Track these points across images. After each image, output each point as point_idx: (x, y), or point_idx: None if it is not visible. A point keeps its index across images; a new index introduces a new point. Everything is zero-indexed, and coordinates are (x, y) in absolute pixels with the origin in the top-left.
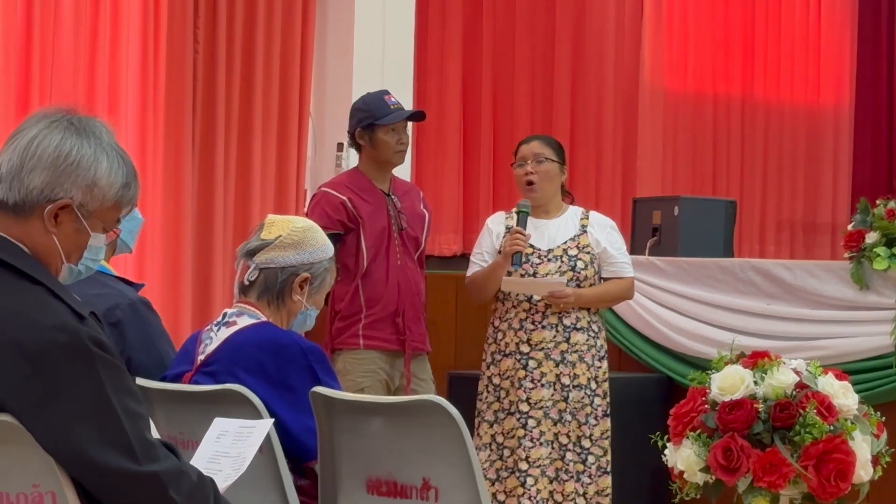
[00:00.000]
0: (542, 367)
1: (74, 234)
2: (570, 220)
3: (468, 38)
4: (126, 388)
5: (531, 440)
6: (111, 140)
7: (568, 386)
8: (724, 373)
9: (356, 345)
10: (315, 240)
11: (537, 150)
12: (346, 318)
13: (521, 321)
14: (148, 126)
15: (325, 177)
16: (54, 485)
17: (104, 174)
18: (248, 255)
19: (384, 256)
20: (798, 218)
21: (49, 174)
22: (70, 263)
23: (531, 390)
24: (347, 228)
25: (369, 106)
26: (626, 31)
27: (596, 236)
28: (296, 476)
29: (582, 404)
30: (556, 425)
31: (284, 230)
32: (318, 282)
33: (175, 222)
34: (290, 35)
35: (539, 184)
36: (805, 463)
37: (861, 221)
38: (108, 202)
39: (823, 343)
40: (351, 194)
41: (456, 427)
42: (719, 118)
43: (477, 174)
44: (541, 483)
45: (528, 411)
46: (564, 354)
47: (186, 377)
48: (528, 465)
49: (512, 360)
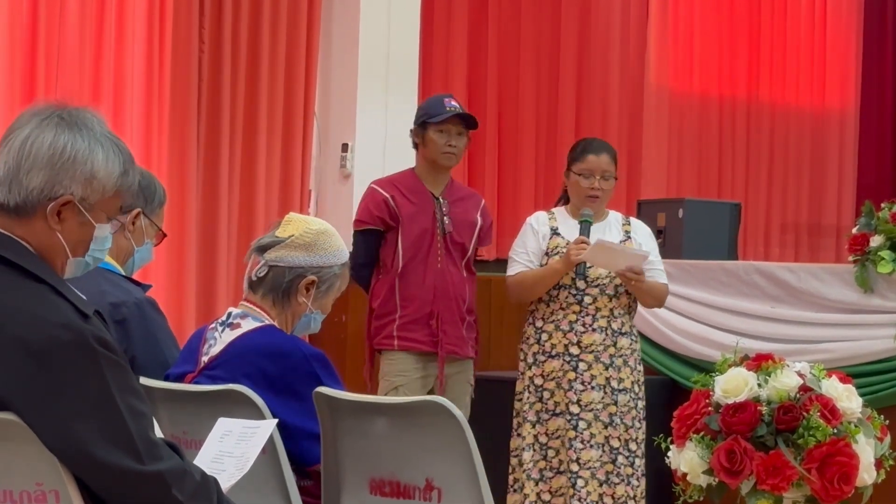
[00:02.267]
0: (592, 370)
1: (79, 228)
2: (614, 225)
3: (473, 38)
4: (130, 387)
5: (582, 442)
6: (104, 129)
7: (617, 389)
8: (728, 375)
9: (391, 345)
10: (328, 244)
11: (607, 166)
12: (381, 317)
13: (572, 323)
14: (153, 126)
15: (330, 177)
16: (58, 483)
17: (101, 165)
18: (260, 250)
19: (423, 258)
20: (803, 221)
21: (47, 173)
22: (77, 257)
23: (581, 392)
24: (388, 226)
25: (427, 106)
26: (631, 32)
27: (639, 241)
28: (299, 477)
29: (628, 407)
30: (607, 428)
31: (298, 230)
32: (325, 286)
33: (179, 223)
34: (295, 35)
35: (602, 199)
36: (808, 466)
37: (865, 225)
38: (108, 192)
39: (827, 346)
40: (396, 192)
41: (459, 428)
42: (724, 120)
43: (482, 174)
44: (591, 485)
45: (578, 413)
46: (612, 358)
47: (189, 378)
48: (579, 467)
49: (559, 362)
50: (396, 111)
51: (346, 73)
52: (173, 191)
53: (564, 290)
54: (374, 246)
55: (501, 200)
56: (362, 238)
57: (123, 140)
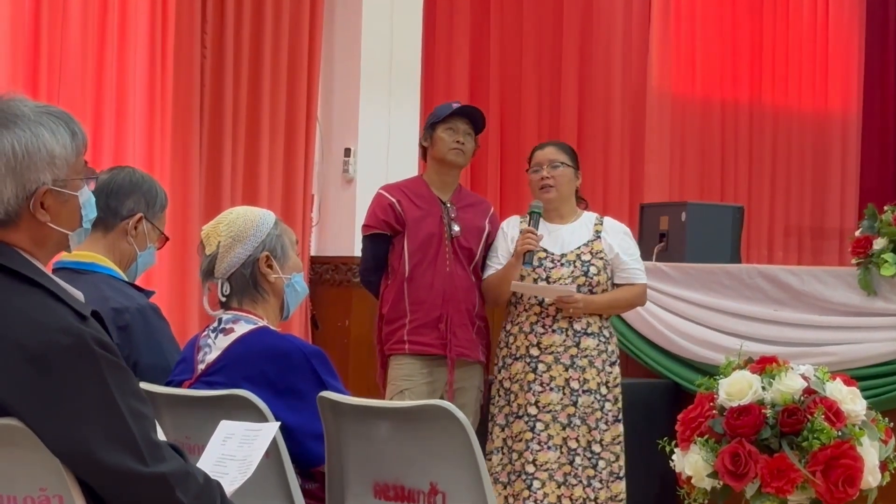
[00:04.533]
0: (551, 371)
1: (65, 206)
2: (585, 225)
3: (475, 43)
4: (131, 389)
5: (539, 444)
6: (33, 107)
7: (577, 391)
8: (732, 378)
9: (402, 350)
10: (247, 221)
11: (552, 155)
12: (391, 322)
13: (532, 324)
14: (155, 131)
15: (333, 181)
16: (61, 488)
17: (54, 143)
18: (208, 275)
19: (431, 262)
20: (806, 224)
21: (12, 179)
22: (76, 229)
23: (540, 394)
24: (395, 230)
25: (435, 111)
26: (633, 36)
27: (609, 241)
28: (303, 479)
29: (592, 409)
30: (565, 429)
31: (220, 234)
32: (279, 251)
33: (182, 227)
34: (297, 40)
35: (556, 187)
36: (813, 468)
37: (868, 227)
38: (71, 160)
39: (831, 349)
40: (402, 197)
41: (463, 432)
42: (727, 124)
43: (485, 179)
44: (548, 487)
45: (536, 415)
46: (574, 359)
47: (186, 385)
48: (535, 469)
49: (522, 364)
50: (399, 115)
51: (349, 77)
52: (176, 195)
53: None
54: (382, 251)
55: (504, 205)
56: (370, 243)
57: (126, 147)
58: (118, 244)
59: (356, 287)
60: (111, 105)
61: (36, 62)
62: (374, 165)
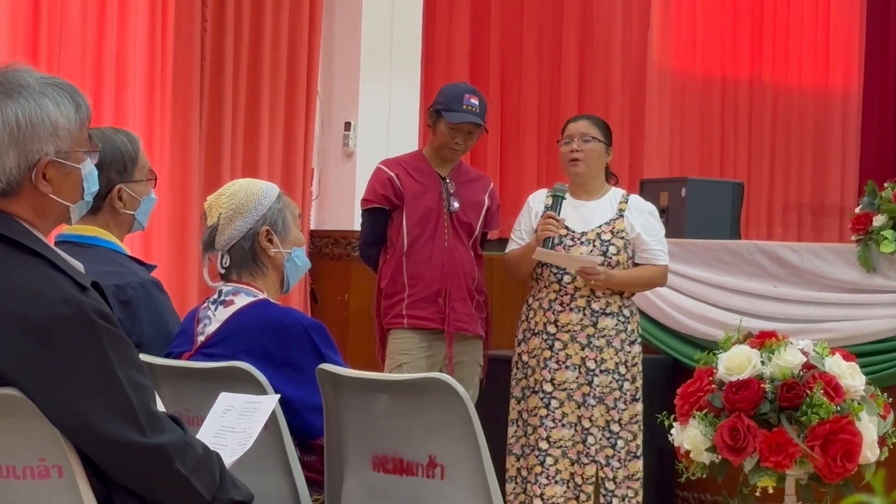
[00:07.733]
0: (567, 349)
1: (67, 178)
2: (609, 202)
3: (476, 18)
4: (130, 360)
5: (553, 420)
6: (38, 78)
7: (594, 370)
8: (731, 353)
9: (401, 324)
10: (249, 194)
11: (584, 129)
12: (390, 297)
13: (551, 301)
14: (155, 105)
15: (333, 156)
16: (61, 458)
17: (57, 114)
18: (209, 247)
19: (430, 236)
20: (805, 200)
21: (15, 148)
22: (78, 202)
23: (556, 371)
24: (394, 205)
25: (447, 95)
26: (634, 12)
27: (632, 221)
28: (302, 452)
29: (610, 389)
30: (580, 408)
31: (221, 206)
32: (280, 225)
33: (182, 201)
34: (297, 14)
35: (584, 161)
36: (811, 443)
37: (868, 204)
38: (75, 132)
39: (830, 326)
40: (401, 171)
41: (462, 405)
42: (727, 100)
43: (484, 155)
44: (561, 464)
45: (551, 392)
46: (591, 339)
47: (185, 357)
48: (549, 445)
49: (539, 340)
50: (399, 90)
51: (349, 51)
52: (176, 168)
53: (547, 269)
54: (380, 225)
55: (504, 181)
56: (369, 217)
57: (126, 120)
58: (113, 219)
59: (356, 261)
60: (111, 78)
61: (35, 35)
62: (374, 139)
